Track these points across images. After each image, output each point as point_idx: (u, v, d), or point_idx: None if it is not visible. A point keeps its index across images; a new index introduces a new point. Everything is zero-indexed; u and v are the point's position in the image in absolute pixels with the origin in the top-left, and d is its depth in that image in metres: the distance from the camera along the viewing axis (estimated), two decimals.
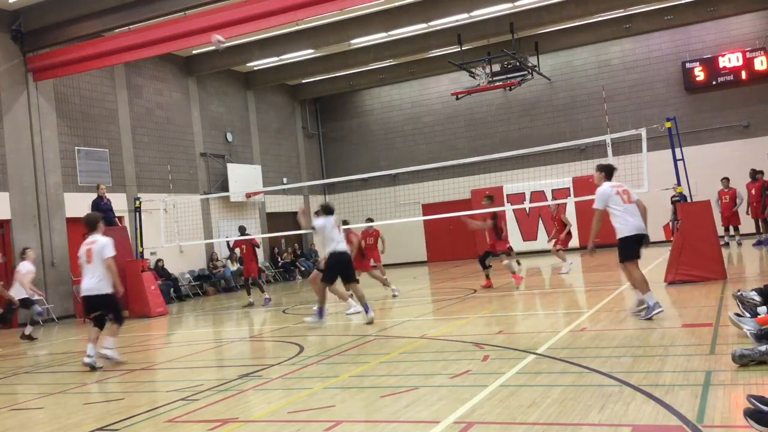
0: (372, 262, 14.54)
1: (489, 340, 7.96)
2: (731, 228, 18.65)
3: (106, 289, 8.63)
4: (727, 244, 18.06)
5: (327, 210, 10.74)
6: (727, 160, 21.26)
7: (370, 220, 15.44)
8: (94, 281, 8.62)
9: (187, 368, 8.54)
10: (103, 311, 8.80)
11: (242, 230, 16.63)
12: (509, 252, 14.25)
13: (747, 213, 18.28)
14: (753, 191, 18.05)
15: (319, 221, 10.61)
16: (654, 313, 8.07)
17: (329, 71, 24.90)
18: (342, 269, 10.50)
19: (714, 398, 4.70)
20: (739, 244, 18.44)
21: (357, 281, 10.72)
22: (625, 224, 8.62)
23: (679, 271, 11.46)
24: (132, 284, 15.62)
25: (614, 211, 8.84)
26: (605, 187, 8.77)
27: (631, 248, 8.63)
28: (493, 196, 14.38)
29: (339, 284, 11.14)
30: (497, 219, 13.71)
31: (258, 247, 16.60)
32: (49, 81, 17.39)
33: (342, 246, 10.58)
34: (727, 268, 11.80)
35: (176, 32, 16.09)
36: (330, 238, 10.46)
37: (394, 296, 13.93)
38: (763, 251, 16.39)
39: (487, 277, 13.98)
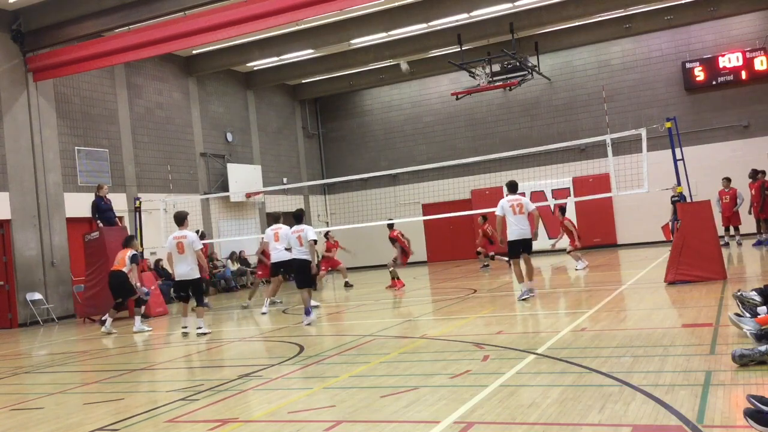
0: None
1: (489, 340, 7.96)
2: (731, 228, 18.65)
3: (196, 274, 10.87)
4: (727, 245, 18.06)
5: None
6: (727, 160, 21.26)
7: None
8: (187, 269, 10.79)
9: (187, 368, 8.54)
10: (190, 292, 11.03)
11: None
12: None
13: (749, 213, 18.26)
14: (753, 191, 18.04)
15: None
16: (525, 296, 11.10)
17: (329, 71, 24.89)
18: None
19: (714, 398, 4.70)
20: (739, 244, 18.44)
21: (310, 288, 11.38)
22: (511, 231, 11.30)
23: (679, 271, 11.45)
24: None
25: (508, 220, 11.39)
26: (503, 200, 11.45)
27: (514, 249, 11.41)
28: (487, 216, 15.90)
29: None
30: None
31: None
32: (49, 81, 17.39)
33: (281, 254, 12.62)
34: (727, 268, 11.81)
35: (176, 32, 16.08)
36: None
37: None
38: (763, 251, 16.39)
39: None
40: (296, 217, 11.66)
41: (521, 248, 11.37)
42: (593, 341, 7.33)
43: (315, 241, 11.05)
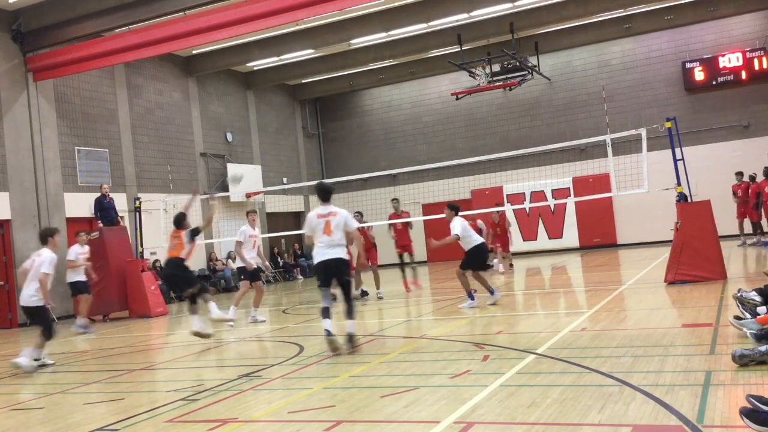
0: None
1: (489, 340, 7.96)
2: (745, 224, 18.36)
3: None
4: (744, 244, 17.98)
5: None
6: (727, 160, 21.25)
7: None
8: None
9: (187, 368, 8.54)
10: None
11: None
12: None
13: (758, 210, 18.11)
14: (767, 189, 17.81)
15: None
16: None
17: (329, 71, 24.89)
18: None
19: (714, 398, 4.70)
20: (744, 244, 18.25)
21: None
22: (317, 254, 8.32)
23: (679, 271, 11.45)
24: (132, 284, 15.63)
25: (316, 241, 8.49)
26: (311, 214, 8.46)
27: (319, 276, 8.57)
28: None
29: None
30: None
31: None
32: (49, 81, 17.38)
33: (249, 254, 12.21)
34: (727, 268, 11.80)
35: (176, 32, 16.08)
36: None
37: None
38: (762, 251, 16.38)
39: None
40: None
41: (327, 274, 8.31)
42: (593, 341, 7.33)
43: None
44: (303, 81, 26.74)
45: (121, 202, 18.49)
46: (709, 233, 11.59)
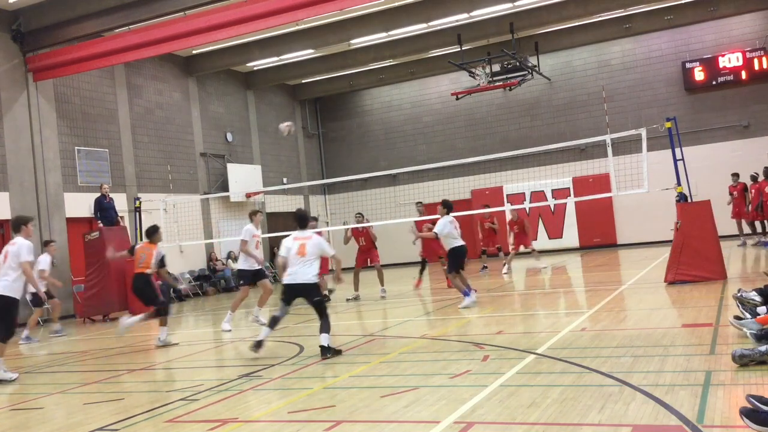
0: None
1: (489, 340, 7.96)
2: (743, 224, 18.36)
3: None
4: (744, 244, 17.98)
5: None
6: (727, 160, 21.23)
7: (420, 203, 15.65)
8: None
9: (187, 368, 8.54)
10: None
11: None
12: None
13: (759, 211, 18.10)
14: (767, 189, 17.80)
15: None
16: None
17: (329, 71, 24.89)
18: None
19: (714, 398, 4.70)
20: (744, 244, 18.24)
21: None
22: (287, 275, 8.26)
23: (679, 271, 11.45)
24: (132, 284, 15.59)
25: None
26: (288, 238, 8.47)
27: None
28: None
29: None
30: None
31: None
32: (49, 81, 17.38)
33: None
34: (727, 268, 11.80)
35: (176, 32, 16.09)
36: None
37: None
38: (762, 251, 16.37)
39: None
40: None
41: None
42: (593, 341, 7.33)
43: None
44: (303, 81, 26.74)
45: (121, 202, 18.49)
46: (709, 233, 11.59)
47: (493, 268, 19.12)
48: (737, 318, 6.84)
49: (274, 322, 8.24)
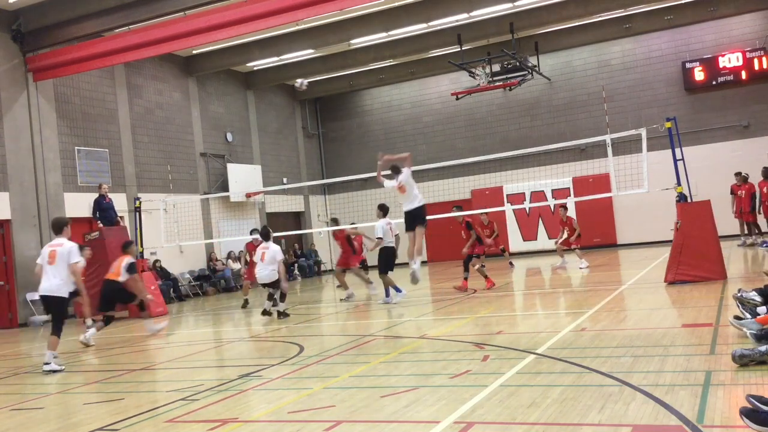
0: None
1: (489, 340, 7.95)
2: (746, 225, 18.30)
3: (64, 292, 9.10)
4: (744, 244, 17.96)
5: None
6: (727, 160, 21.25)
7: (458, 208, 15.26)
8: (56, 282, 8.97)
9: (187, 368, 8.54)
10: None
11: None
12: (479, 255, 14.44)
13: (758, 212, 18.09)
14: (765, 189, 17.80)
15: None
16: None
17: (329, 71, 24.88)
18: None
19: (714, 398, 4.70)
20: (745, 244, 18.22)
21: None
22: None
23: (679, 271, 11.44)
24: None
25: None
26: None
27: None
28: (461, 206, 15.36)
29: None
30: (473, 227, 14.28)
31: None
32: (49, 81, 17.38)
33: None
34: (727, 268, 11.80)
35: (176, 32, 16.09)
36: None
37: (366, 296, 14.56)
38: (761, 251, 16.37)
39: (465, 279, 13.89)
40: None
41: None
42: (593, 341, 7.33)
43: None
44: None
45: (121, 202, 18.49)
46: (709, 233, 11.59)
47: (495, 267, 19.12)
48: (737, 318, 6.84)
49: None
